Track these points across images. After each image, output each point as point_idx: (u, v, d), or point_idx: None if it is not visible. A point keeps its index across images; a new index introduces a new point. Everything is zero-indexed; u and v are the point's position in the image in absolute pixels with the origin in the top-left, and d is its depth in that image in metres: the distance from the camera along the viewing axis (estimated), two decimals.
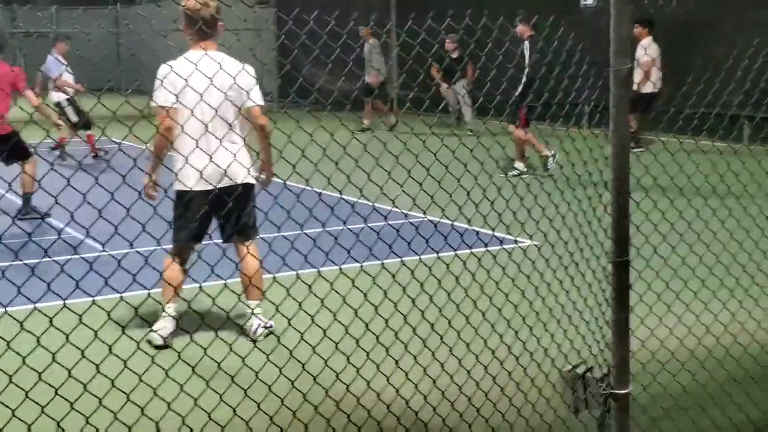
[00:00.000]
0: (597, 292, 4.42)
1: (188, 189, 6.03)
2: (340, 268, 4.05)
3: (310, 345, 4.14)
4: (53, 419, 3.47)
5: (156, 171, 5.97)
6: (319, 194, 3.82)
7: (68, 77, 15.98)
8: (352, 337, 4.19)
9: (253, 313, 6.22)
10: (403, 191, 4.16)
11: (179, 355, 3.78)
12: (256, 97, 6.19)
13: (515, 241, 5.31)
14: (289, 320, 4.09)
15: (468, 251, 4.77)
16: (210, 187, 5.80)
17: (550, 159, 13.18)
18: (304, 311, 4.01)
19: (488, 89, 4.73)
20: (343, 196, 4.02)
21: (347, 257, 4.10)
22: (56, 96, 15.79)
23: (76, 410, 3.50)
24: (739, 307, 5.60)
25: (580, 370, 4.15)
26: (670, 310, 5.17)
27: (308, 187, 3.94)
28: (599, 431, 4.08)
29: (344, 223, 4.06)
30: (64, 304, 3.40)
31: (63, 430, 3.50)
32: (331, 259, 4.04)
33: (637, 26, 15.13)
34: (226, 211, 5.95)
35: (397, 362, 4.32)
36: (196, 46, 6.15)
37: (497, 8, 4.62)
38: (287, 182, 4.19)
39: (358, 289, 4.10)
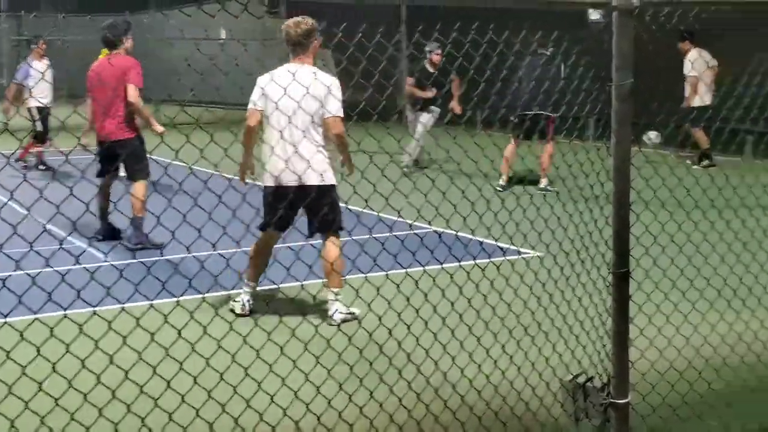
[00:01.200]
0: (597, 302, 4.48)
1: (267, 186, 6.61)
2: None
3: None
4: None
5: (245, 161, 6.73)
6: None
7: (43, 86, 14.76)
8: (353, 346, 4.25)
9: (336, 298, 6.56)
10: (408, 202, 4.22)
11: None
12: (332, 108, 6.46)
13: (518, 252, 5.37)
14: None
15: (472, 262, 4.83)
16: (285, 187, 6.38)
17: (501, 180, 12.98)
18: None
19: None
20: (349, 206, 4.09)
21: (352, 268, 4.17)
22: (32, 102, 14.71)
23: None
24: (737, 317, 5.68)
25: (580, 379, 4.21)
26: (668, 321, 5.22)
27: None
28: None
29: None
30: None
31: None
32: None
33: (681, 41, 14.65)
34: (307, 209, 6.53)
35: (400, 372, 4.36)
36: (294, 60, 6.62)
37: (519, 24, 4.68)
38: None
39: (363, 299, 4.16)
